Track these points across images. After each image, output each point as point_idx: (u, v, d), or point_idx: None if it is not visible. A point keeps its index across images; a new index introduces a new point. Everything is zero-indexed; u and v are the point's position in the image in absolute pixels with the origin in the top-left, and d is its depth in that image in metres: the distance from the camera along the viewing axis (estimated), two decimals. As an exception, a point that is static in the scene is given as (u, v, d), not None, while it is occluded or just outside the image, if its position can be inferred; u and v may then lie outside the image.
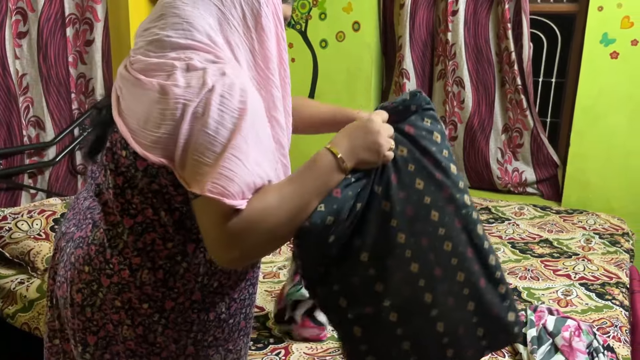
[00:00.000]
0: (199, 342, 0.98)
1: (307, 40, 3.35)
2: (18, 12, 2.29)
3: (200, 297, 0.95)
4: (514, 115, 2.97)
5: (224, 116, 0.80)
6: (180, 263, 0.93)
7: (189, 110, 0.80)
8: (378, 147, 0.89)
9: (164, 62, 0.85)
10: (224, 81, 0.81)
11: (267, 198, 0.82)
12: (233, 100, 0.81)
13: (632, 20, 2.61)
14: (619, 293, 1.82)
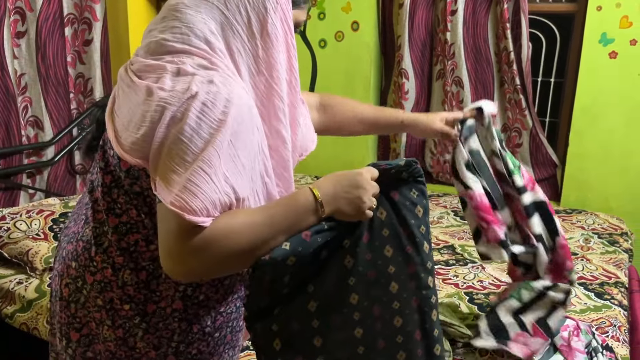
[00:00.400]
0: (182, 354, 0.96)
1: (306, 40, 3.35)
2: (16, 11, 2.29)
3: (181, 307, 0.93)
4: (512, 115, 2.97)
5: (202, 125, 0.78)
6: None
7: (168, 113, 0.79)
8: (360, 203, 0.88)
9: (157, 64, 0.85)
10: (209, 89, 0.80)
11: (235, 220, 0.80)
12: (214, 110, 0.79)
13: (631, 20, 2.61)
14: (618, 293, 1.83)
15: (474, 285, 1.88)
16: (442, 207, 2.74)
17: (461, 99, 3.03)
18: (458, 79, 3.01)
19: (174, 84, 0.81)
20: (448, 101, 3.06)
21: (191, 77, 0.81)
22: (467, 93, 3.01)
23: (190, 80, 0.81)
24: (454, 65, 3.00)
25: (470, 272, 1.98)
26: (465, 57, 2.98)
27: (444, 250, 2.19)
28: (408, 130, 1.36)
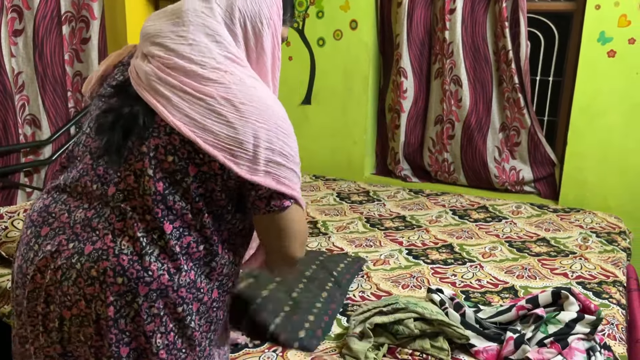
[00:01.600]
0: (212, 342, 1.01)
1: (305, 38, 3.35)
2: (14, 9, 2.28)
3: (217, 295, 1.00)
4: (511, 114, 2.97)
5: (287, 133, 0.96)
6: (209, 264, 0.96)
7: (262, 131, 0.91)
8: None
9: (212, 72, 0.91)
10: (274, 100, 0.96)
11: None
12: (286, 123, 0.97)
13: (630, 19, 2.61)
14: (616, 292, 1.83)
15: (471, 284, 1.88)
16: (440, 206, 2.74)
17: (459, 98, 3.03)
18: (456, 77, 3.01)
19: (249, 98, 0.91)
20: (446, 100, 3.06)
21: (254, 89, 0.93)
22: (466, 92, 3.01)
23: (260, 93, 0.94)
24: (452, 64, 3.00)
25: (468, 271, 1.98)
26: (463, 55, 2.98)
27: (442, 249, 2.19)
28: None
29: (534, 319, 1.47)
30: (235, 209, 0.98)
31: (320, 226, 2.43)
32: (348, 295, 1.78)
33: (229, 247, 1.00)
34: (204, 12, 0.95)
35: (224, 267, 0.99)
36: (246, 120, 0.90)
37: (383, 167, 3.46)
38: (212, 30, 0.94)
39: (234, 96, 0.90)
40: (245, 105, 0.90)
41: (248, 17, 0.96)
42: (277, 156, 0.92)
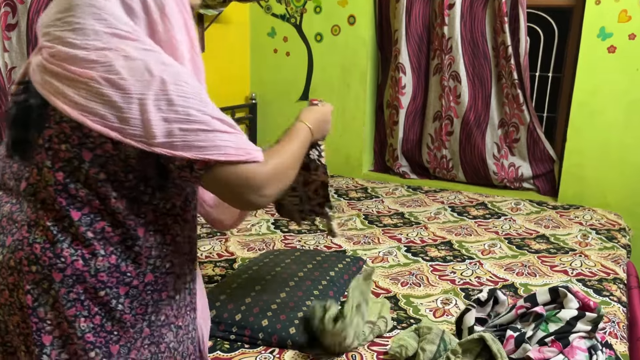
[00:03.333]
0: (153, 323, 1.01)
1: (302, 33, 3.32)
2: (7, 3, 2.25)
3: (152, 279, 0.99)
4: (510, 110, 2.95)
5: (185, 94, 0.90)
6: (132, 248, 0.96)
7: (149, 103, 0.87)
8: (327, 132, 1.31)
9: (95, 53, 0.89)
10: (169, 71, 0.90)
11: (281, 156, 1.06)
12: (188, 84, 0.91)
13: (630, 14, 2.59)
14: (617, 289, 1.81)
15: (471, 281, 1.86)
16: (439, 203, 2.72)
17: (458, 94, 3.01)
18: (455, 73, 2.99)
19: (132, 73, 0.88)
20: (445, 96, 3.03)
21: (142, 62, 0.89)
22: (465, 88, 2.99)
23: (147, 65, 0.89)
24: (451, 59, 2.98)
25: (467, 269, 1.96)
26: (462, 51, 2.95)
27: (441, 246, 2.17)
28: None
29: (534, 317, 1.45)
30: (154, 189, 0.96)
31: (318, 223, 2.41)
32: (345, 292, 1.75)
33: (155, 229, 0.98)
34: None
35: (152, 249, 0.98)
36: (130, 97, 0.87)
37: (381, 164, 3.44)
38: (99, 9, 0.91)
39: (115, 74, 0.87)
40: (127, 81, 0.87)
41: None
42: (173, 123, 0.88)
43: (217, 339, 1.48)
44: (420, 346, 1.36)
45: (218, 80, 3.22)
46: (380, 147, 3.43)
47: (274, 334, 1.46)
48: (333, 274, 1.76)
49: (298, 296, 1.59)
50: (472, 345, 1.33)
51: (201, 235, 2.22)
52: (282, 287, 1.62)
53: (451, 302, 1.72)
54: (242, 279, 1.69)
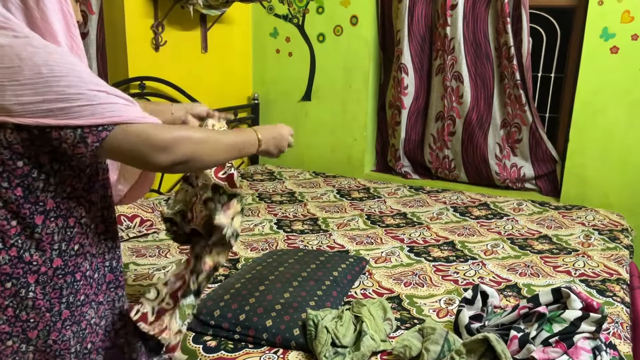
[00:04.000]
0: (72, 304, 1.04)
1: (305, 34, 3.32)
2: (10, 3, 2.25)
3: (62, 263, 1.01)
4: (512, 111, 2.95)
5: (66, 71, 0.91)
6: (32, 236, 0.97)
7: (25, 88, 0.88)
8: (282, 149, 1.29)
9: None
10: (40, 53, 0.90)
11: (200, 132, 1.10)
12: (63, 64, 0.91)
13: (633, 15, 2.59)
14: (620, 290, 1.81)
15: (474, 281, 1.87)
16: (441, 203, 2.72)
17: (460, 94, 3.01)
18: (458, 74, 2.99)
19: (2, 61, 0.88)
20: (447, 96, 3.04)
21: (9, 48, 0.89)
22: (467, 88, 2.99)
23: (18, 51, 0.89)
24: (453, 60, 2.98)
25: (470, 269, 1.97)
26: (465, 51, 2.96)
27: (444, 246, 2.18)
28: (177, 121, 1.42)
29: (537, 317, 1.46)
30: (48, 175, 0.97)
31: (321, 223, 2.41)
32: (350, 293, 1.76)
33: (56, 215, 1.00)
34: None
35: (54, 235, 0.99)
36: (2, 85, 0.88)
37: (383, 164, 3.44)
38: None
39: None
40: (7, 70, 0.88)
41: None
42: (52, 103, 0.89)
43: (221, 339, 1.48)
44: (424, 346, 1.37)
45: (220, 80, 3.22)
46: (382, 147, 3.43)
47: (277, 334, 1.46)
48: (336, 274, 1.76)
49: (302, 296, 1.59)
50: (476, 346, 1.33)
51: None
52: (285, 287, 1.63)
53: (454, 302, 1.72)
54: (245, 279, 1.69)
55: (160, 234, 2.21)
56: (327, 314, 1.47)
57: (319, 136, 3.40)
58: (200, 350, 1.43)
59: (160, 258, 1.99)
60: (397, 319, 1.59)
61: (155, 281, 1.77)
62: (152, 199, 2.61)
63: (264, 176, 3.16)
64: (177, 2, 2.67)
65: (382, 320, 1.52)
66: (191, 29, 2.94)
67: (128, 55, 2.58)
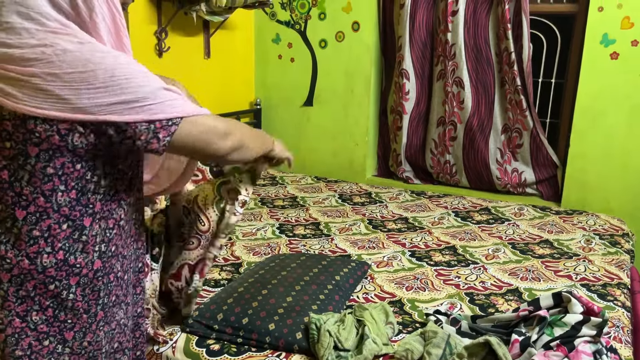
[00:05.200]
0: (106, 305, 1.07)
1: (307, 40, 3.34)
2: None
3: (101, 265, 1.04)
4: (513, 116, 2.97)
5: (129, 76, 0.95)
6: (79, 239, 0.99)
7: (100, 90, 0.92)
8: (285, 155, 1.41)
9: (30, 50, 0.90)
10: (108, 57, 0.94)
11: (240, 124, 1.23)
12: (129, 65, 0.96)
13: (633, 21, 2.61)
14: (621, 294, 1.82)
15: (475, 286, 1.88)
16: (442, 208, 2.73)
17: (462, 100, 3.02)
18: (459, 79, 3.00)
19: (76, 67, 0.91)
20: (449, 101, 3.05)
21: (80, 54, 0.92)
22: (468, 93, 3.01)
23: (88, 56, 0.92)
24: (454, 65, 3.00)
25: (472, 273, 1.98)
26: (466, 57, 2.97)
27: (445, 251, 2.19)
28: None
29: (538, 321, 1.47)
30: (99, 177, 1.00)
31: (323, 227, 2.42)
32: (352, 297, 1.77)
33: (100, 217, 1.03)
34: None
35: (97, 236, 1.02)
36: (77, 89, 0.91)
37: (385, 169, 3.46)
38: (25, 7, 0.91)
39: (59, 68, 0.90)
40: (71, 74, 0.90)
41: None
42: (127, 104, 0.94)
43: (224, 343, 1.49)
44: (426, 350, 1.37)
45: (223, 85, 3.25)
46: (383, 152, 3.45)
47: (280, 338, 1.47)
48: (338, 278, 1.77)
49: (304, 300, 1.60)
50: (477, 349, 1.34)
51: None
52: (288, 291, 1.64)
53: (456, 306, 1.73)
54: (248, 283, 1.70)
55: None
56: (330, 318, 1.48)
57: (321, 141, 3.42)
58: (203, 354, 1.44)
59: (163, 262, 2.00)
60: (399, 323, 1.60)
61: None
62: (155, 203, 2.62)
63: (266, 181, 3.18)
64: (181, 9, 2.70)
65: (384, 324, 1.53)
66: (194, 35, 2.96)
67: (132, 61, 2.60)
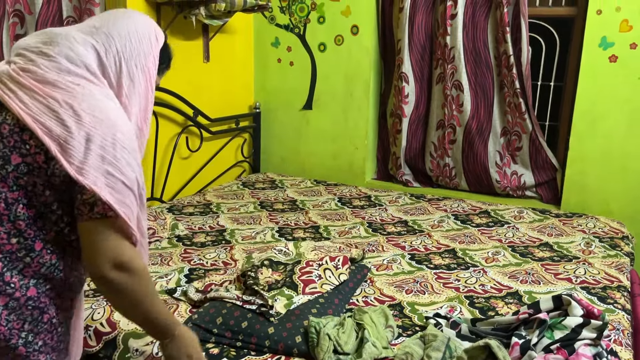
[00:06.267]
0: (30, 345, 1.01)
1: (306, 43, 3.35)
2: (15, 14, 2.28)
3: (35, 294, 1.02)
4: (512, 119, 2.97)
5: (125, 149, 1.01)
6: (23, 259, 1.00)
7: (96, 138, 0.97)
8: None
9: (63, 81, 1.00)
10: (123, 121, 1.03)
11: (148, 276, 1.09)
12: (132, 140, 1.04)
13: (631, 24, 2.61)
14: (621, 297, 1.82)
15: (475, 289, 1.87)
16: (442, 211, 2.73)
17: (461, 103, 3.03)
18: (458, 82, 3.01)
19: (92, 110, 0.99)
20: (448, 105, 3.06)
21: (102, 102, 1.01)
22: (467, 97, 3.01)
23: (108, 108, 1.01)
24: (453, 69, 3.00)
25: (472, 276, 1.97)
26: (465, 60, 2.98)
27: (445, 254, 2.18)
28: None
29: (538, 324, 1.46)
30: (63, 213, 1.02)
31: (322, 231, 2.42)
32: (351, 300, 1.76)
33: (53, 250, 1.02)
34: (75, 38, 1.05)
35: (43, 266, 1.01)
36: (82, 124, 0.97)
37: (384, 172, 3.46)
38: (76, 55, 1.03)
39: (77, 103, 0.98)
40: (85, 112, 0.97)
41: (124, 59, 1.08)
42: (107, 165, 0.98)
43: (223, 347, 1.49)
44: (426, 353, 1.37)
45: (222, 89, 3.25)
46: (383, 155, 3.45)
47: (280, 341, 1.47)
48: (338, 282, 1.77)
49: (304, 304, 1.60)
50: (477, 352, 1.33)
51: (206, 243, 2.23)
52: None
53: (456, 309, 1.72)
54: (248, 286, 1.70)
55: (162, 242, 2.22)
56: (329, 322, 1.47)
57: (320, 144, 3.42)
58: (202, 358, 1.44)
59: (162, 266, 1.99)
60: (398, 326, 1.60)
61: (157, 289, 1.78)
62: (154, 207, 2.62)
63: (266, 184, 3.18)
64: (180, 13, 2.70)
65: (384, 327, 1.53)
66: (193, 38, 2.97)
67: (131, 65, 2.61)
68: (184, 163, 2.99)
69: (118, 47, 1.08)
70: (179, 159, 2.94)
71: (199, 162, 3.08)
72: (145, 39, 1.13)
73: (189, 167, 3.03)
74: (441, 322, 1.61)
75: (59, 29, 1.09)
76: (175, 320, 1.18)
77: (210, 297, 1.64)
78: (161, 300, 1.16)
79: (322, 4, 3.25)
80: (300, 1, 3.30)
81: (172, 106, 2.80)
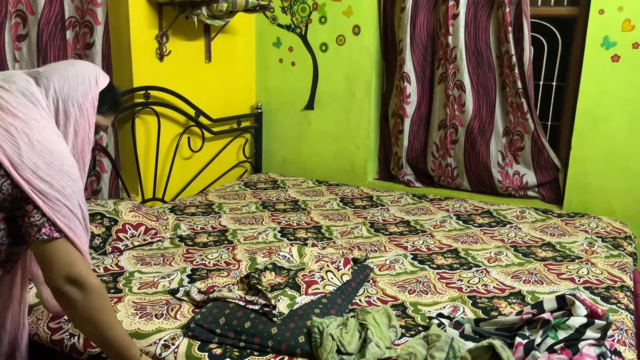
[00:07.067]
0: None
1: (307, 43, 3.35)
2: (18, 14, 2.28)
3: None
4: (514, 119, 2.97)
5: (70, 176, 1.17)
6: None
7: (43, 164, 1.12)
8: None
9: (21, 112, 1.14)
10: (68, 154, 1.17)
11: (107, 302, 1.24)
12: (75, 168, 1.17)
13: (634, 24, 2.61)
14: (624, 297, 1.81)
15: (478, 289, 1.87)
16: (444, 211, 2.73)
17: (463, 103, 3.02)
18: (460, 82, 3.01)
19: (45, 142, 1.12)
20: (450, 105, 3.05)
21: (52, 136, 1.15)
22: (469, 96, 3.01)
23: (57, 143, 1.16)
24: (455, 68, 3.00)
25: (474, 276, 1.97)
26: (466, 60, 2.98)
27: (447, 254, 2.18)
28: None
29: (542, 324, 1.46)
30: (8, 234, 1.14)
31: (325, 231, 2.42)
32: (354, 300, 1.76)
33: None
34: (28, 80, 1.21)
35: None
36: (33, 151, 1.09)
37: (386, 172, 3.45)
38: (30, 93, 1.18)
39: (33, 133, 1.11)
40: (39, 143, 1.11)
41: (61, 97, 1.21)
42: (54, 191, 1.10)
43: (226, 347, 1.49)
44: (429, 353, 1.37)
45: (224, 89, 3.25)
46: (385, 155, 3.44)
47: (283, 341, 1.46)
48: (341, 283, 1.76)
49: (306, 304, 1.60)
50: (481, 352, 1.33)
51: (208, 243, 2.23)
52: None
53: (459, 309, 1.72)
54: (250, 286, 1.69)
55: (164, 242, 2.22)
56: (332, 322, 1.47)
57: (322, 145, 3.42)
58: (205, 358, 1.44)
59: (164, 266, 1.99)
60: (401, 327, 1.59)
61: (160, 289, 1.78)
62: (156, 207, 2.62)
63: (268, 185, 3.18)
64: (182, 13, 2.70)
65: (387, 327, 1.52)
66: (195, 39, 2.97)
67: (133, 65, 2.61)
68: (185, 163, 2.99)
69: (56, 87, 1.21)
70: (181, 159, 2.94)
71: (200, 162, 3.09)
72: (85, 81, 1.25)
73: (190, 167, 3.03)
74: (444, 322, 1.60)
75: (11, 71, 1.28)
76: (137, 351, 1.27)
77: (212, 297, 1.64)
78: (122, 327, 1.27)
79: (323, 4, 3.25)
80: (302, 1, 3.30)
81: (174, 106, 2.80)
